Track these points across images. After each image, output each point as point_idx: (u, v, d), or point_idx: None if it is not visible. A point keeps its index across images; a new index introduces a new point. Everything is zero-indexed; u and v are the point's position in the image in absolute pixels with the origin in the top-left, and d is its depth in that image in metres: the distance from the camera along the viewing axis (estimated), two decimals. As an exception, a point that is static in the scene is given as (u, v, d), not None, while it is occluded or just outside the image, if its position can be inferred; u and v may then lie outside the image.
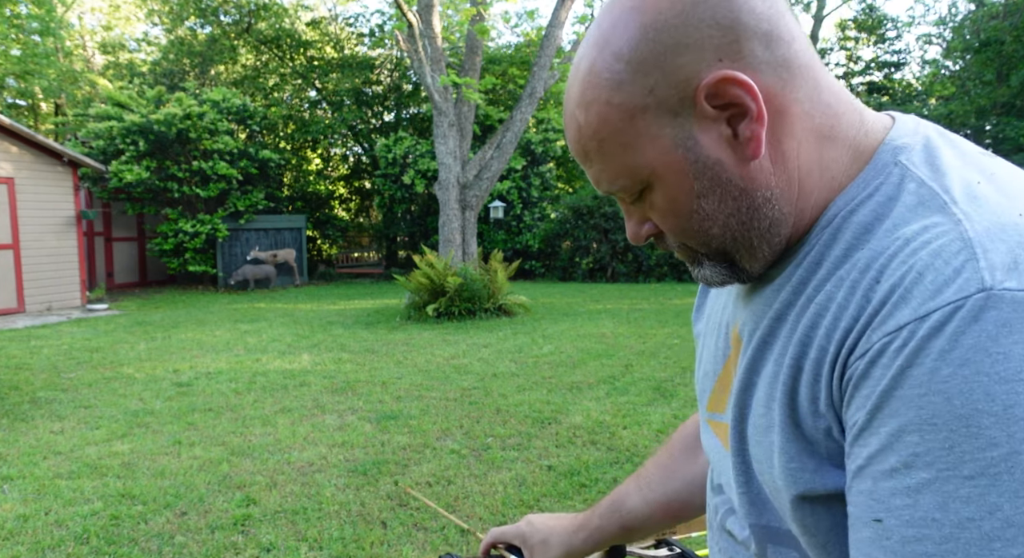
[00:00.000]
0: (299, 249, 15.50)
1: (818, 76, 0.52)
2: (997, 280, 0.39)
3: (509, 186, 15.33)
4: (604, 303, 10.68)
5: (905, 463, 0.40)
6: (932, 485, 0.39)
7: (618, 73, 0.51)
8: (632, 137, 0.52)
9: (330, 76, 19.62)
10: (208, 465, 3.66)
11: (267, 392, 5.25)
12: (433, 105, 10.18)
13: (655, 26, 0.50)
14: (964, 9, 17.22)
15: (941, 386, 0.38)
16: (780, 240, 0.54)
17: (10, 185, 10.27)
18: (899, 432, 0.40)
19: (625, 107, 0.51)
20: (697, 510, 0.83)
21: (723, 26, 0.49)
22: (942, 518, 0.38)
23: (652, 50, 0.50)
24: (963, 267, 0.40)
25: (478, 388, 5.26)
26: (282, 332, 8.18)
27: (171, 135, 12.98)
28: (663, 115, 0.51)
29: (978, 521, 0.37)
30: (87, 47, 21.33)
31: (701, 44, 0.49)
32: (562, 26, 10.18)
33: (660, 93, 0.50)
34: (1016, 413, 0.36)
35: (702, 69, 0.49)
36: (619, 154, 0.53)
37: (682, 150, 0.51)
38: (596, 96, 0.52)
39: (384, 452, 3.84)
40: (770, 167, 0.51)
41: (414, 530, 2.88)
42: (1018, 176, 0.49)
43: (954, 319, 0.39)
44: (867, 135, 0.53)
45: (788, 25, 0.51)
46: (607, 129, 0.53)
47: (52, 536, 2.85)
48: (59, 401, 5.00)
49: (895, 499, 0.40)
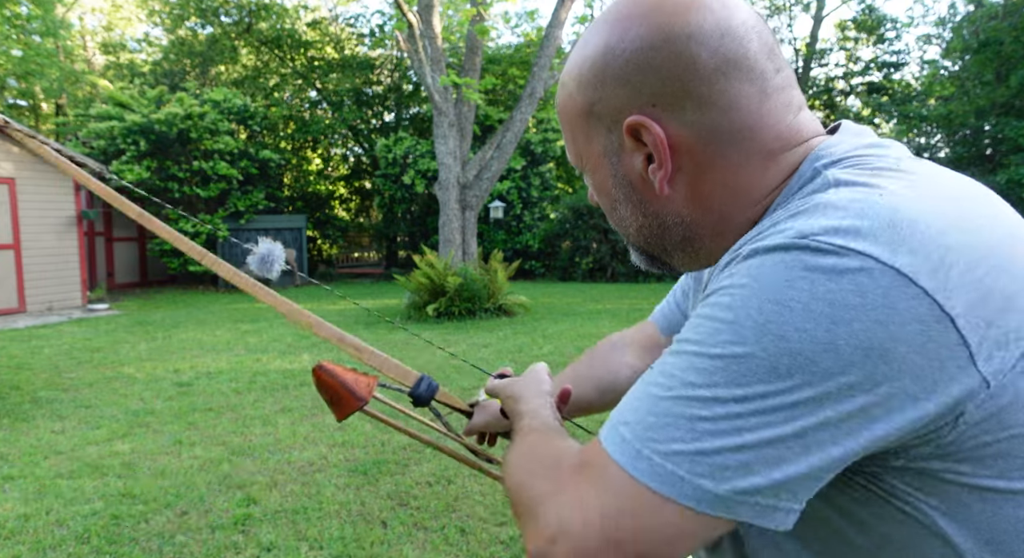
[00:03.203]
0: (299, 249, 15.51)
1: (755, 135, 0.54)
2: (825, 235, 0.44)
3: (509, 186, 15.33)
4: (604, 303, 10.68)
5: (683, 338, 0.48)
6: (687, 352, 0.47)
7: (583, 75, 0.58)
8: (579, 130, 0.60)
9: (330, 76, 19.63)
10: (209, 465, 3.67)
11: (267, 392, 5.25)
12: (433, 105, 10.19)
13: (613, 51, 0.55)
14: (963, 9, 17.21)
15: (733, 291, 0.46)
16: (701, 249, 0.59)
17: (11, 185, 10.28)
18: (693, 318, 0.49)
19: (580, 105, 0.59)
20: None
21: (665, 79, 0.53)
22: (679, 375, 0.46)
23: (603, 71, 0.56)
24: (808, 221, 0.46)
25: (478, 388, 5.26)
26: (282, 332, 8.19)
27: (172, 135, 13.00)
28: (600, 126, 0.58)
29: (698, 387, 0.45)
30: (88, 47, 21.34)
31: (640, 86, 0.54)
32: (562, 26, 10.18)
33: (599, 109, 0.57)
34: (770, 329, 0.43)
35: (632, 106, 0.54)
36: (572, 136, 0.62)
37: (608, 160, 0.59)
38: (568, 82, 0.60)
39: (384, 452, 3.85)
40: (683, 200, 0.57)
41: (414, 530, 2.89)
42: (945, 186, 0.51)
43: (775, 251, 0.45)
44: (796, 155, 0.55)
45: (731, 92, 0.53)
46: (566, 114, 0.61)
47: (53, 535, 2.86)
48: (60, 401, 5.01)
49: (665, 357, 0.49)
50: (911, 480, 0.47)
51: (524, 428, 0.70)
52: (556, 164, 17.29)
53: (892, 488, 0.48)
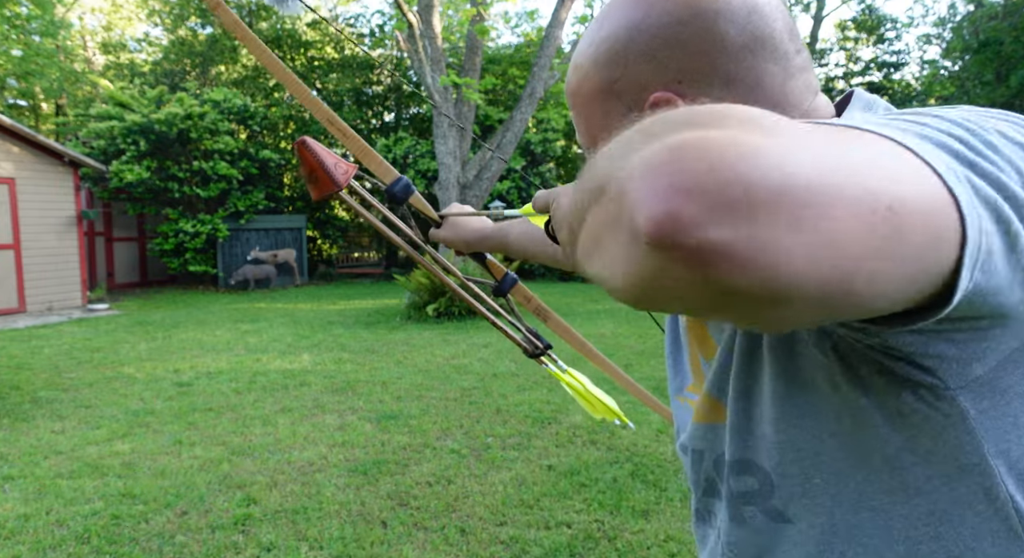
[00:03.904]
0: (299, 249, 15.50)
1: (778, 114, 0.56)
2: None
3: (509, 186, 15.33)
4: (604, 303, 10.68)
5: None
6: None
7: (601, 54, 0.56)
8: (594, 111, 0.59)
9: (330, 76, 19.63)
10: (209, 465, 3.67)
11: (267, 392, 5.25)
12: (433, 105, 10.18)
13: (638, 27, 0.53)
14: (963, 9, 17.21)
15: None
16: None
17: (11, 185, 10.28)
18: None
19: (596, 85, 0.57)
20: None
21: (693, 54, 0.52)
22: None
23: (625, 48, 0.54)
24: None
25: (478, 388, 5.27)
26: (282, 332, 8.18)
27: (172, 135, 12.99)
28: (619, 105, 0.56)
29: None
30: (88, 47, 21.33)
31: (667, 61, 0.53)
32: (562, 26, 10.18)
33: (620, 87, 0.55)
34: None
35: (658, 83, 0.53)
36: (584, 118, 0.61)
37: None
38: (582, 64, 0.59)
39: (384, 452, 3.85)
40: None
41: (414, 530, 2.89)
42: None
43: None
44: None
45: (757, 70, 0.52)
46: (580, 96, 0.60)
47: (53, 535, 2.85)
48: (60, 401, 5.01)
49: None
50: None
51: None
52: (556, 164, 17.29)
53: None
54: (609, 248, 0.32)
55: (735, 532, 0.59)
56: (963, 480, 0.46)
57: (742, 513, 0.58)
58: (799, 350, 0.51)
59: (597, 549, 2.70)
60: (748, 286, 0.28)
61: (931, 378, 0.45)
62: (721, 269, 0.27)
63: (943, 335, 0.42)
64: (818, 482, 0.51)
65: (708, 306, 0.30)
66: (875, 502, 0.49)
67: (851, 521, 0.50)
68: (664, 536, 2.79)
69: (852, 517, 0.50)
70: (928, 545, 0.48)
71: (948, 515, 0.47)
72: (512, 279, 1.10)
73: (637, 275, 0.30)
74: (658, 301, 0.32)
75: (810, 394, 0.51)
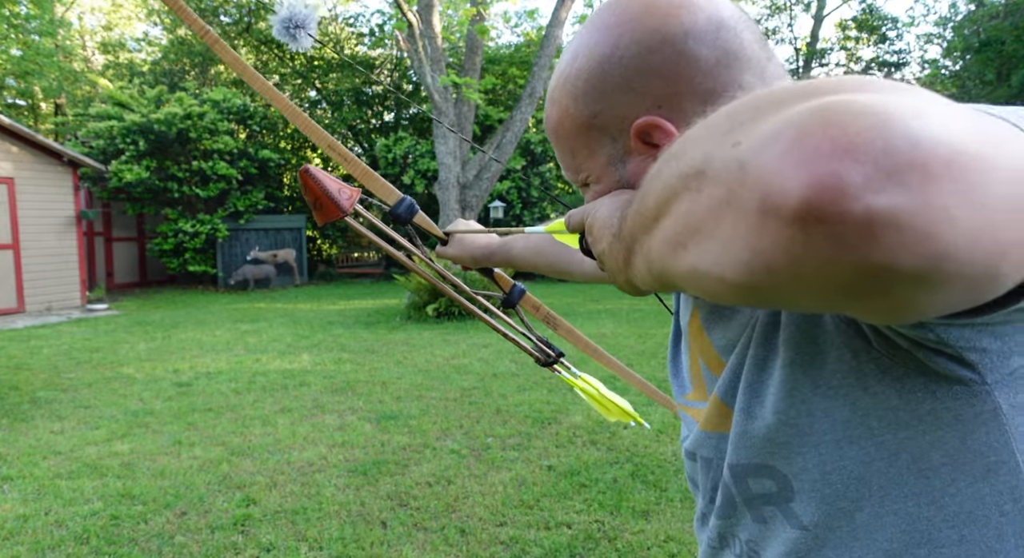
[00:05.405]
0: (299, 249, 15.50)
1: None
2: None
3: (509, 186, 15.33)
4: (604, 303, 10.67)
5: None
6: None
7: (578, 89, 0.57)
8: (579, 144, 0.59)
9: (330, 76, 19.62)
10: (208, 465, 3.66)
11: (267, 392, 5.25)
12: (433, 105, 10.18)
13: (610, 60, 0.54)
14: (964, 9, 17.21)
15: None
16: None
17: (10, 185, 10.27)
18: None
19: (577, 119, 0.58)
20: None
21: (668, 79, 0.53)
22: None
23: (601, 82, 0.55)
24: None
25: (478, 388, 5.26)
26: (282, 332, 8.18)
27: (171, 135, 12.98)
28: (603, 136, 0.57)
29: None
30: (87, 47, 21.33)
31: (644, 89, 0.53)
32: (562, 26, 10.18)
33: (602, 120, 0.56)
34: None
35: (639, 111, 0.54)
36: (569, 151, 0.61)
37: (614, 168, 0.58)
38: (561, 98, 0.59)
39: (384, 452, 3.84)
40: None
41: (414, 530, 2.88)
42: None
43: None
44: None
45: (734, 82, 0.53)
46: (562, 130, 0.60)
47: (52, 536, 2.85)
48: (59, 401, 5.00)
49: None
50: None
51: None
52: (556, 164, 17.30)
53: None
54: (718, 235, 0.29)
55: (755, 530, 0.58)
56: (989, 480, 0.46)
57: (762, 513, 0.57)
58: (825, 351, 0.49)
59: (597, 549, 2.70)
60: (911, 262, 0.25)
61: (971, 373, 0.44)
62: (884, 244, 0.24)
63: (991, 328, 0.42)
64: (839, 486, 0.51)
65: (841, 292, 0.27)
66: (899, 505, 0.48)
67: (873, 525, 0.50)
68: (664, 536, 2.79)
69: (874, 521, 0.49)
70: (951, 549, 0.47)
71: (973, 516, 0.46)
72: (520, 290, 1.12)
73: (765, 261, 0.27)
74: (781, 291, 0.28)
75: (833, 398, 0.49)
